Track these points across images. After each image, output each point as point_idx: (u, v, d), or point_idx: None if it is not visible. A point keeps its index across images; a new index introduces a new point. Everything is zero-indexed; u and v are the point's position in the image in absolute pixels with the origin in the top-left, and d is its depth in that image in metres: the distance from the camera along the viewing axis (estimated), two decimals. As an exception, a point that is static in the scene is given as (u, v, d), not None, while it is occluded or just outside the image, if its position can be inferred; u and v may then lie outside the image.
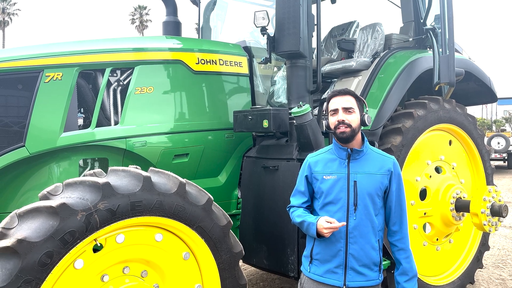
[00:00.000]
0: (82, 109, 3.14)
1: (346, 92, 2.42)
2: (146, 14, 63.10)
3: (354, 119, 2.36)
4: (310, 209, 2.50)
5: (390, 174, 2.37)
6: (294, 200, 2.53)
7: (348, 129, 2.33)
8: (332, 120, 2.39)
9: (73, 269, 2.11)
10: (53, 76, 2.89)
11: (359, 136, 2.41)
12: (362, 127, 2.47)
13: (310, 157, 2.54)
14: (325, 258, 2.35)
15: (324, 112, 2.56)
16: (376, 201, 2.34)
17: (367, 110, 2.51)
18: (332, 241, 2.32)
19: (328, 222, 2.26)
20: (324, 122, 2.53)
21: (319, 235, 2.30)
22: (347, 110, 2.36)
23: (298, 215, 2.45)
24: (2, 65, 2.80)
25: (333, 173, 2.38)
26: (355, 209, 2.30)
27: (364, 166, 2.37)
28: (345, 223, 2.28)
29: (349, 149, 2.38)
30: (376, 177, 2.35)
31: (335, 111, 2.38)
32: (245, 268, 5.02)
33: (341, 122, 2.34)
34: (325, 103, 2.50)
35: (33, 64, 2.86)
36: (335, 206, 2.33)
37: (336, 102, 2.39)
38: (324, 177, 2.39)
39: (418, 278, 3.71)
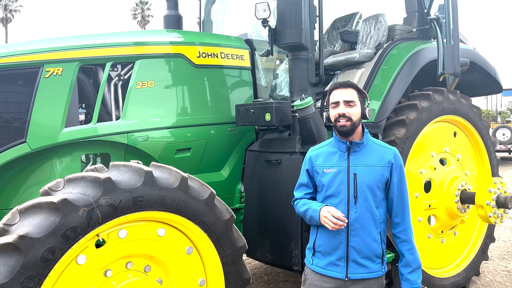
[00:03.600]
0: (83, 104, 3.12)
1: (348, 85, 2.40)
2: (148, 9, 62.93)
3: (354, 113, 2.35)
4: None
5: (391, 166, 2.35)
6: (298, 193, 2.54)
7: (348, 123, 2.32)
8: (333, 113, 2.38)
9: (76, 265, 2.10)
10: (53, 71, 2.87)
11: (359, 128, 2.40)
12: (364, 120, 2.45)
13: (311, 151, 2.54)
14: (327, 250, 2.35)
15: (325, 104, 2.54)
16: (376, 193, 2.33)
17: (368, 103, 2.49)
18: (334, 233, 2.32)
19: (333, 214, 2.25)
20: (324, 114, 2.51)
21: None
22: (348, 103, 2.35)
23: (303, 203, 2.46)
24: (2, 60, 2.78)
25: (334, 166, 2.38)
26: (355, 202, 2.30)
27: (364, 158, 2.36)
28: (345, 222, 2.26)
29: (348, 142, 2.37)
30: (376, 169, 2.33)
31: (336, 103, 2.37)
32: (249, 262, 5.01)
33: (342, 116, 2.33)
34: (327, 95, 2.48)
35: (33, 60, 2.84)
36: (336, 199, 2.33)
37: (338, 95, 2.37)
38: (325, 170, 2.39)
39: (423, 270, 3.72)
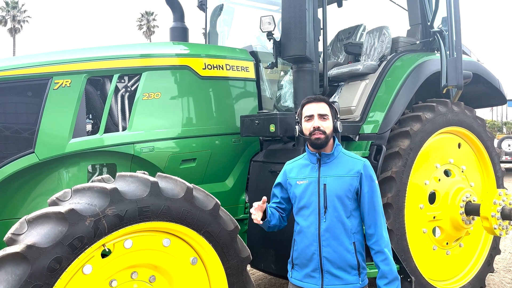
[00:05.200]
0: (90, 115, 3.16)
1: (321, 99, 2.48)
2: (153, 19, 63.62)
3: (328, 126, 2.42)
4: (283, 211, 2.60)
5: (360, 176, 2.39)
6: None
7: (322, 136, 2.39)
8: (307, 126, 2.44)
9: (82, 275, 2.12)
10: (62, 83, 2.93)
11: (331, 141, 2.46)
12: (336, 133, 2.51)
13: (287, 165, 2.63)
14: (303, 262, 2.41)
15: (296, 118, 2.60)
16: (346, 203, 2.37)
17: (338, 117, 2.55)
18: (307, 245, 2.38)
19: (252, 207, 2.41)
20: (296, 127, 2.57)
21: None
22: (322, 116, 2.42)
23: None
24: (12, 72, 2.84)
25: (305, 178, 2.45)
26: (325, 212, 2.34)
27: (334, 169, 2.41)
28: (264, 201, 2.41)
29: (318, 154, 2.43)
30: (345, 179, 2.38)
31: (310, 117, 2.43)
32: (253, 273, 5.00)
33: (317, 129, 2.39)
34: (299, 109, 2.55)
35: (42, 72, 2.90)
36: (308, 210, 2.39)
37: (312, 108, 2.44)
38: (297, 182, 2.47)
39: (428, 283, 3.70)
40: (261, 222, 2.43)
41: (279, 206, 2.59)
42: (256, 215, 2.41)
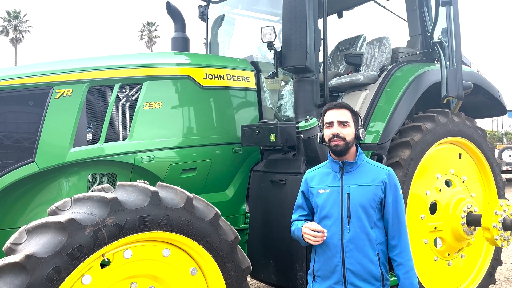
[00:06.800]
0: (91, 124, 3.17)
1: (342, 106, 2.44)
2: (155, 30, 64.19)
3: (348, 133, 2.38)
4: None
5: (384, 185, 2.35)
6: (294, 215, 2.57)
7: (342, 142, 2.35)
8: (327, 133, 2.42)
9: (81, 285, 2.10)
10: (63, 93, 2.94)
11: (353, 148, 2.43)
12: (358, 140, 2.49)
13: (307, 173, 2.59)
14: (325, 274, 2.35)
15: (319, 125, 2.59)
16: (370, 213, 2.32)
17: (361, 125, 2.52)
18: (329, 256, 2.32)
19: (311, 229, 2.31)
20: (319, 134, 2.55)
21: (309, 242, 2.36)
22: (342, 123, 2.38)
23: (293, 224, 2.52)
24: (13, 82, 2.85)
25: (328, 186, 2.40)
26: (348, 222, 2.30)
27: (358, 178, 2.37)
28: (324, 232, 2.30)
29: (341, 162, 2.39)
30: (369, 188, 2.33)
31: (330, 124, 2.41)
32: (253, 284, 4.96)
33: (336, 135, 2.36)
34: (321, 116, 2.53)
35: (43, 81, 2.91)
36: (330, 220, 2.34)
37: (332, 115, 2.41)
38: (319, 191, 2.42)
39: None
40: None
41: (308, 219, 2.53)
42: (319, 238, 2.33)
